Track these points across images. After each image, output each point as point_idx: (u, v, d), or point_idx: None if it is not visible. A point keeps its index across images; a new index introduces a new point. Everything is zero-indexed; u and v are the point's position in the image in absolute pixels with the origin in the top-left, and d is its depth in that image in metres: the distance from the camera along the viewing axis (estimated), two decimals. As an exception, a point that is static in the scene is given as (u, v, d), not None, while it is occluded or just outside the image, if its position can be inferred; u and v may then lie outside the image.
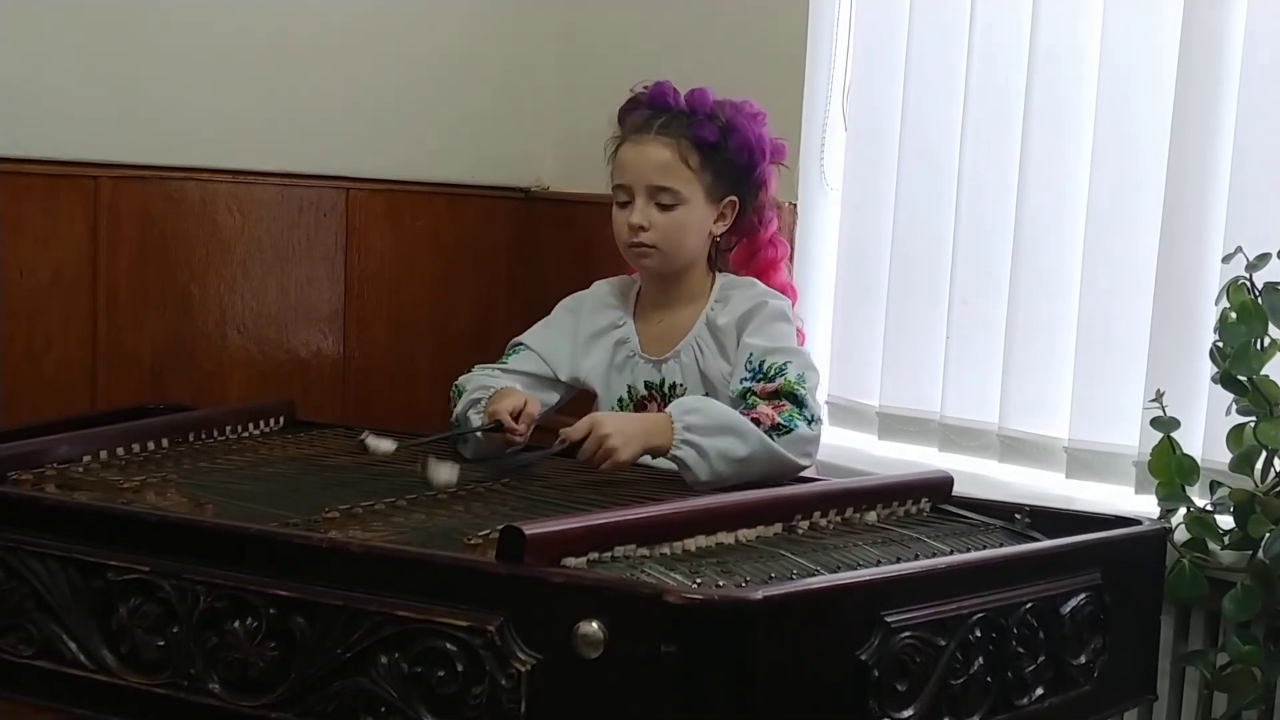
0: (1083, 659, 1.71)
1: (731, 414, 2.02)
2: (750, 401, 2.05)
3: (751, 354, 2.12)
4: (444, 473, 1.91)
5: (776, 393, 2.05)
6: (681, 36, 3.15)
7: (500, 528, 1.50)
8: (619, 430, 1.99)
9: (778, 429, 2.01)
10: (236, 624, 1.57)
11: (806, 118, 2.84)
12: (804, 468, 2.06)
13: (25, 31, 2.80)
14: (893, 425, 2.78)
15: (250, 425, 2.31)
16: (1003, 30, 2.58)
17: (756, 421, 2.01)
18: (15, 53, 2.79)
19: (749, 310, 2.18)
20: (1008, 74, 2.57)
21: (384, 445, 2.04)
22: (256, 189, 3.10)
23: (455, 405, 2.23)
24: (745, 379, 2.11)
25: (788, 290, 2.31)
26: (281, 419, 2.37)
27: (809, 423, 2.04)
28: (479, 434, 2.12)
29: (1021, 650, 1.62)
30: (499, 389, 2.16)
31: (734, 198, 2.22)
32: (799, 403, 2.05)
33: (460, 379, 2.26)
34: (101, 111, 2.90)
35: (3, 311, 2.80)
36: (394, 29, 3.27)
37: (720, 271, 2.28)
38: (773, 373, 2.09)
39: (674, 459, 1.99)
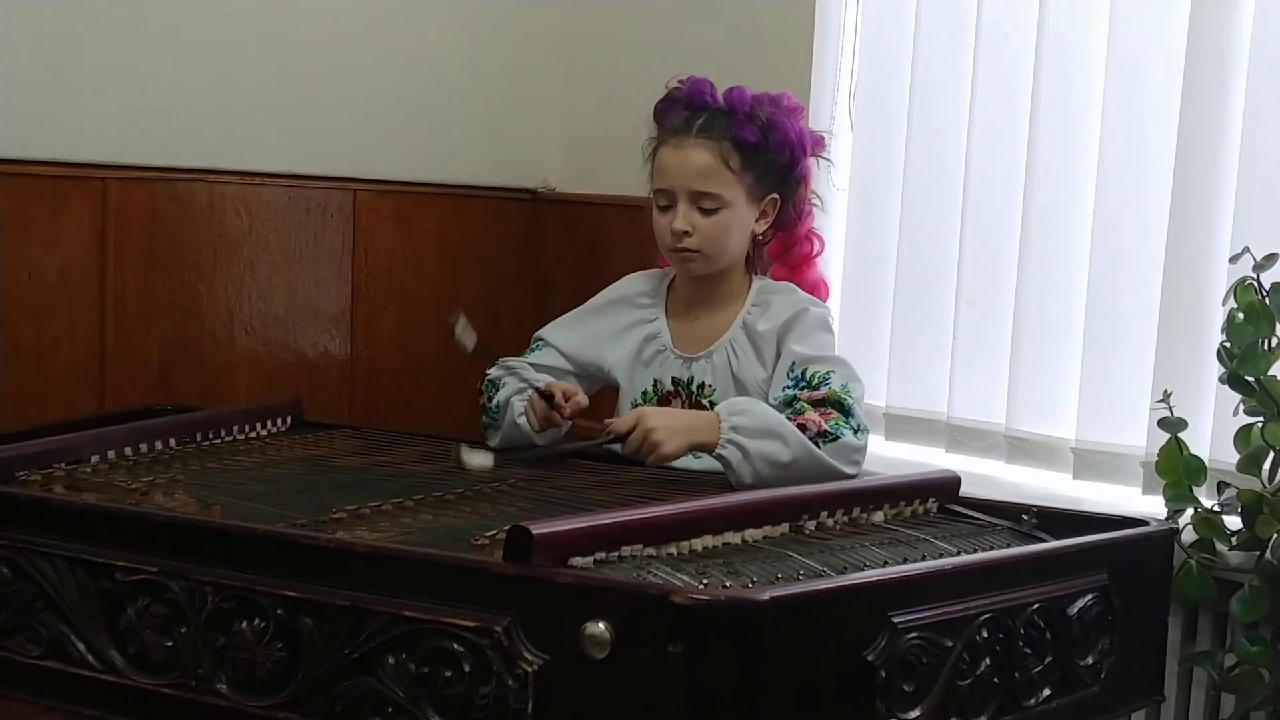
0: (1090, 660, 1.71)
1: (778, 418, 2.00)
2: (797, 407, 2.03)
3: (794, 362, 2.10)
4: (478, 458, 2.01)
5: (823, 400, 2.04)
6: (687, 38, 3.15)
7: (507, 528, 1.50)
8: (665, 425, 2.00)
9: (824, 436, 1.99)
10: (244, 624, 1.57)
11: (813, 118, 2.83)
12: (851, 477, 2.02)
13: (33, 33, 2.81)
14: (900, 426, 2.78)
15: (257, 426, 2.31)
16: (1009, 30, 2.58)
17: (803, 428, 1.99)
18: (23, 54, 2.80)
19: (791, 318, 2.16)
20: (1014, 74, 2.56)
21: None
22: (264, 190, 3.10)
23: (487, 397, 2.23)
24: (788, 386, 2.09)
25: (820, 286, 2.29)
26: (289, 419, 2.37)
27: (855, 431, 2.02)
28: (517, 421, 2.13)
29: (1028, 651, 1.62)
30: (550, 382, 2.17)
31: (775, 195, 2.21)
32: (845, 411, 2.03)
33: (492, 372, 2.26)
34: (109, 113, 2.91)
35: (10, 312, 2.81)
36: (401, 30, 3.27)
37: (757, 271, 2.27)
38: (816, 381, 2.07)
39: (718, 458, 1.98)
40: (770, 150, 2.17)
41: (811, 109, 2.85)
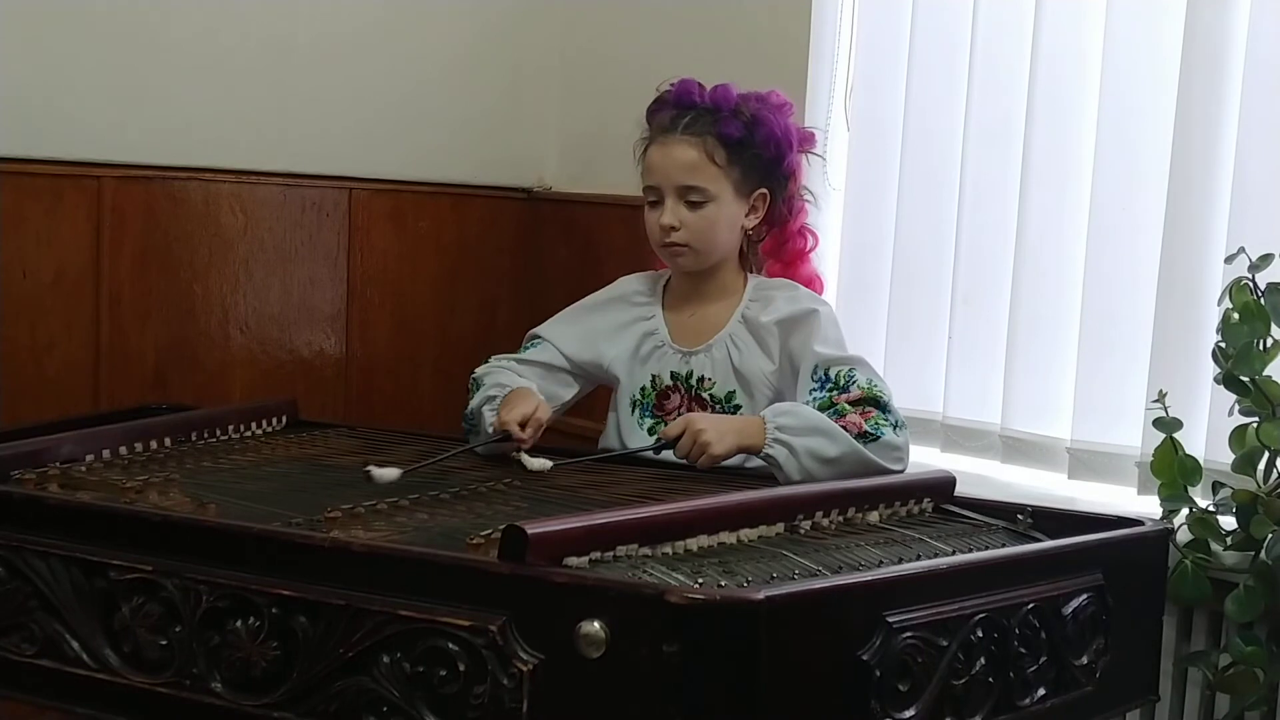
0: (1085, 659, 1.71)
1: (821, 418, 2.02)
2: (839, 408, 2.04)
3: (817, 364, 2.11)
4: (537, 463, 2.03)
5: (860, 400, 2.05)
6: (684, 39, 3.15)
7: (503, 527, 1.50)
8: (713, 427, 2.02)
9: (865, 437, 2.01)
10: (239, 623, 1.57)
11: (809, 118, 2.83)
12: (897, 474, 2.03)
13: (29, 32, 2.81)
14: (895, 425, 2.78)
15: (253, 425, 2.31)
16: (1005, 31, 2.58)
17: (844, 430, 2.01)
18: (19, 53, 2.80)
19: (799, 316, 2.17)
20: (1010, 74, 2.57)
21: (388, 474, 1.92)
22: (260, 189, 3.10)
23: (472, 398, 2.23)
24: (815, 389, 2.10)
25: (815, 281, 2.31)
26: (284, 418, 2.37)
27: (895, 428, 2.03)
28: (488, 430, 2.11)
29: (1023, 651, 1.62)
30: (514, 390, 2.15)
31: (764, 190, 2.22)
32: (883, 408, 2.05)
33: (478, 370, 2.26)
34: (105, 111, 2.91)
35: (6, 311, 2.81)
36: (397, 31, 3.27)
37: (751, 268, 2.28)
38: (843, 381, 2.08)
39: (765, 457, 2.00)
40: (756, 145, 2.19)
41: (808, 109, 2.85)
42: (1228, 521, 2.07)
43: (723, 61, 2.93)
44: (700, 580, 1.51)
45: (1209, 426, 2.24)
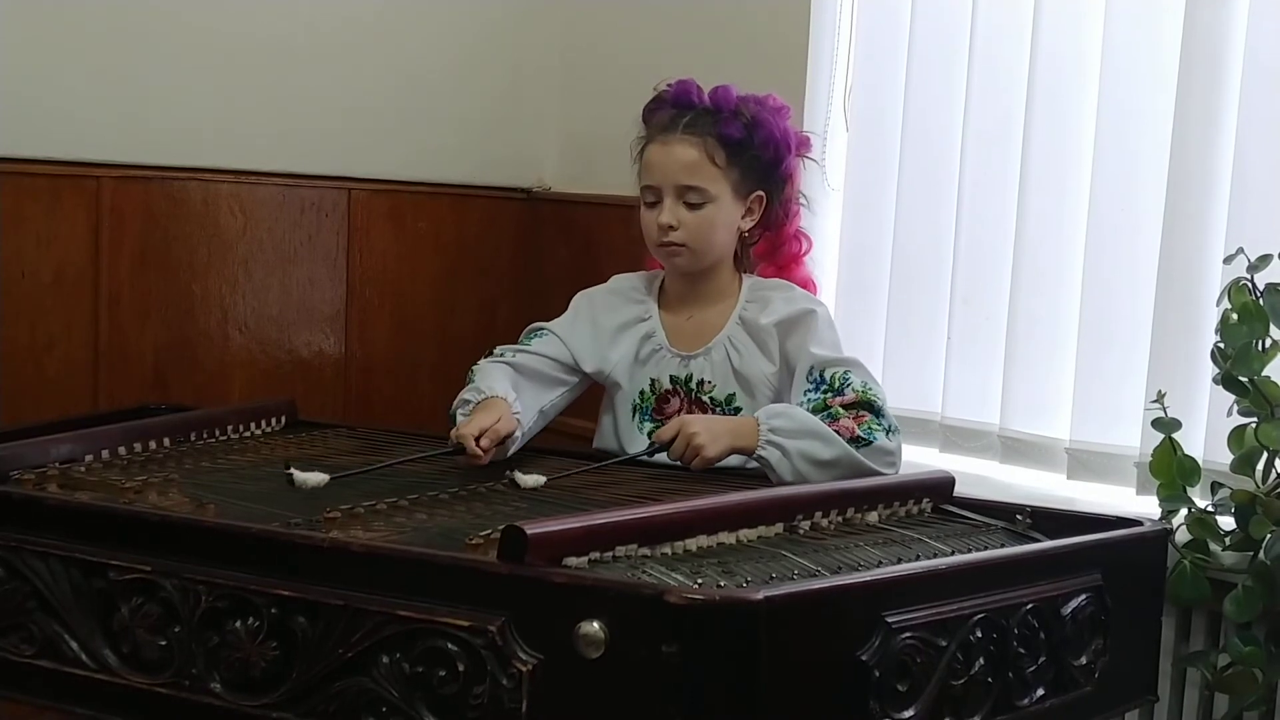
0: (1084, 660, 1.71)
1: (815, 421, 2.03)
2: (832, 412, 2.05)
3: (813, 365, 2.11)
4: (530, 480, 1.94)
5: (854, 404, 2.05)
6: (684, 39, 3.15)
7: (502, 528, 1.50)
8: (706, 429, 2.02)
9: (857, 441, 2.01)
10: (238, 624, 1.57)
11: (808, 119, 2.84)
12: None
13: (28, 32, 2.81)
14: (894, 426, 2.78)
15: (252, 425, 2.31)
16: (1004, 31, 2.58)
17: (838, 434, 2.01)
18: (18, 53, 2.80)
19: (796, 316, 2.17)
20: (1009, 75, 2.57)
21: (312, 479, 1.88)
22: (259, 189, 3.10)
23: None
24: (810, 390, 2.10)
25: (809, 284, 2.31)
26: (283, 419, 2.37)
27: (888, 433, 2.04)
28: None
29: (1022, 651, 1.62)
30: (485, 399, 2.13)
31: (761, 193, 2.22)
32: (876, 412, 2.05)
33: (477, 364, 2.25)
34: (103, 112, 2.91)
35: (5, 311, 2.81)
36: (397, 30, 3.27)
37: (745, 270, 2.28)
38: (838, 383, 2.09)
39: (758, 459, 2.01)
40: (755, 147, 2.19)
41: (807, 109, 2.85)
42: (1226, 522, 2.08)
43: (722, 62, 2.93)
44: (699, 580, 1.51)
45: (1208, 427, 2.24)
